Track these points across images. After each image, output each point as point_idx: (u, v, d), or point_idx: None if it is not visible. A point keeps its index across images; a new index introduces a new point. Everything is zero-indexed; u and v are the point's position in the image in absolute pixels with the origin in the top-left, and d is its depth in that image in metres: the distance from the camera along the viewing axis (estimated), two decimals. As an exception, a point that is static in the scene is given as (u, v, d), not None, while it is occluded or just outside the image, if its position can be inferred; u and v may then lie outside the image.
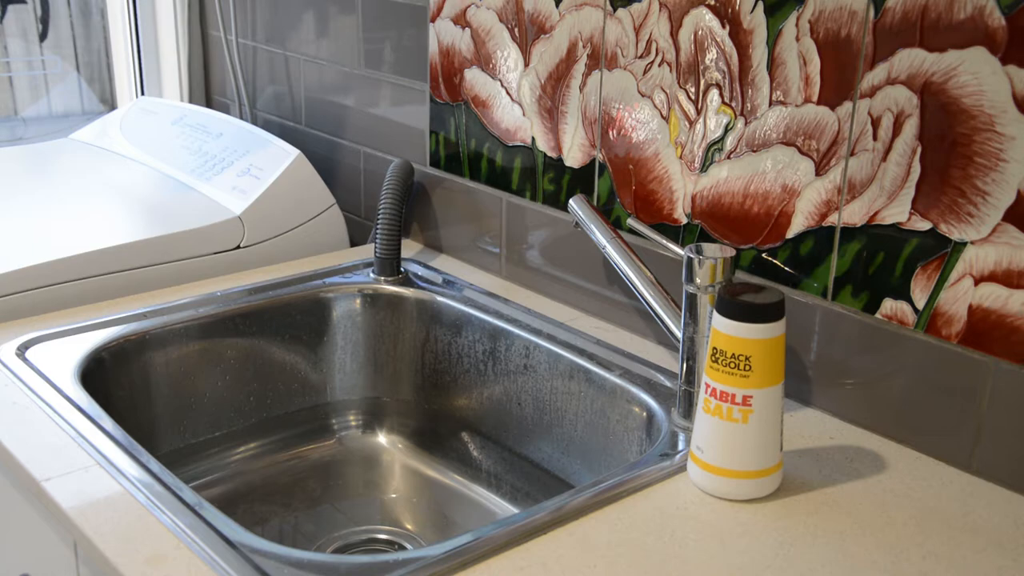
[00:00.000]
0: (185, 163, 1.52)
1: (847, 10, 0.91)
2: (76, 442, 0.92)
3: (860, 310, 0.97)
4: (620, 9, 1.10)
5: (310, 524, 1.20)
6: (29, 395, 1.00)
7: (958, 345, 0.90)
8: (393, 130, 1.45)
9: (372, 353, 1.31)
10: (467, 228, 1.37)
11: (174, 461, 1.18)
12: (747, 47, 0.99)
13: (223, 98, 1.81)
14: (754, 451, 0.85)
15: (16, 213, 1.36)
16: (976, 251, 0.87)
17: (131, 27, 1.85)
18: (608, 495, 0.86)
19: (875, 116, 0.91)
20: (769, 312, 0.83)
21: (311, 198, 1.44)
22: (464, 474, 1.26)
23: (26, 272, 1.19)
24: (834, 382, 1.00)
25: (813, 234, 0.98)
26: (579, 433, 1.13)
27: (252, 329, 1.24)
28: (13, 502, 1.00)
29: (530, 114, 1.24)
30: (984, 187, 0.85)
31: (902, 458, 0.94)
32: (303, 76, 1.59)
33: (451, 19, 1.31)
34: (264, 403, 1.26)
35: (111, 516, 0.82)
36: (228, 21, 1.73)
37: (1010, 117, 0.83)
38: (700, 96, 1.05)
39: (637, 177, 1.14)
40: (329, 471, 1.28)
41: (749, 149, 1.02)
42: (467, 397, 1.25)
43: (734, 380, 0.84)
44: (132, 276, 1.27)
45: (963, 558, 0.80)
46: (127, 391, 1.15)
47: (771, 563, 0.78)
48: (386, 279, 1.31)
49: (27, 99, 1.98)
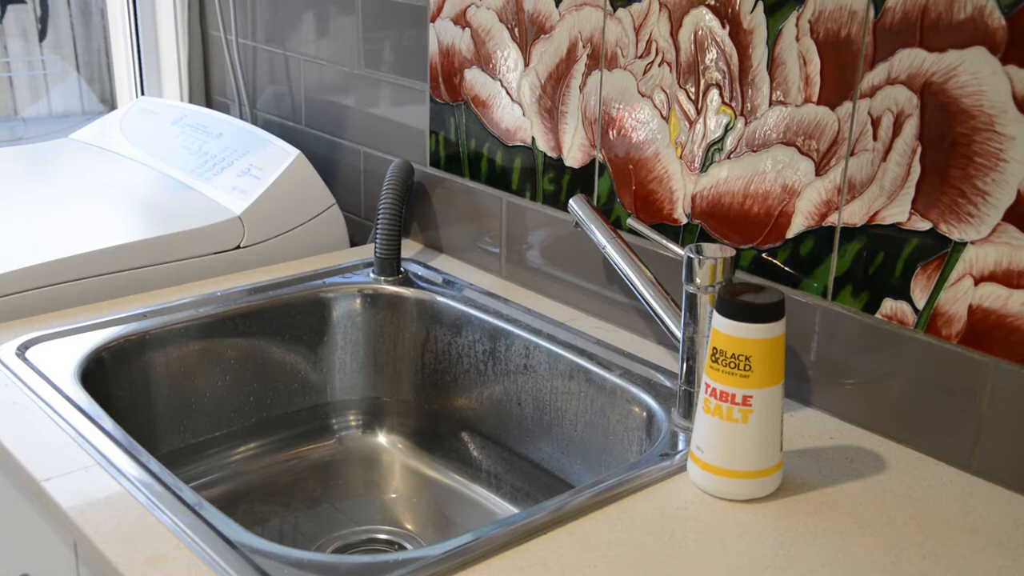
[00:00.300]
0: (185, 163, 1.52)
1: (847, 10, 0.91)
2: (76, 442, 0.92)
3: (860, 310, 0.97)
4: (620, 9, 1.10)
5: (310, 524, 1.20)
6: (29, 395, 1.00)
7: (958, 345, 0.90)
8: (393, 130, 1.45)
9: (372, 353, 1.31)
10: (467, 228, 1.37)
11: (174, 461, 1.18)
12: (747, 47, 0.99)
13: (223, 98, 1.81)
14: (754, 451, 0.85)
15: (16, 213, 1.36)
16: (976, 251, 0.87)
17: (131, 27, 1.85)
18: (608, 495, 0.86)
19: (875, 116, 0.91)
20: (769, 312, 0.83)
21: (311, 198, 1.44)
22: (464, 474, 1.26)
23: (26, 272, 1.19)
24: (834, 382, 1.00)
25: (813, 234, 0.98)
26: (579, 433, 1.13)
27: (252, 329, 1.24)
28: (13, 502, 1.00)
29: (530, 114, 1.24)
30: (984, 187, 0.85)
31: (902, 458, 0.94)
32: (303, 76, 1.59)
33: (451, 19, 1.31)
34: (264, 403, 1.26)
35: (111, 516, 0.82)
36: (228, 21, 1.73)
37: (1010, 117, 0.83)
38: (700, 96, 1.05)
39: (637, 177, 1.14)
40: (329, 471, 1.28)
41: (749, 149, 1.02)
42: (467, 397, 1.25)
43: (734, 380, 0.84)
44: (132, 276, 1.27)
45: (963, 558, 0.80)
46: (127, 391, 1.15)
47: (771, 563, 0.78)
48: (386, 279, 1.31)
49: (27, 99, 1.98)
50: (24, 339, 1.11)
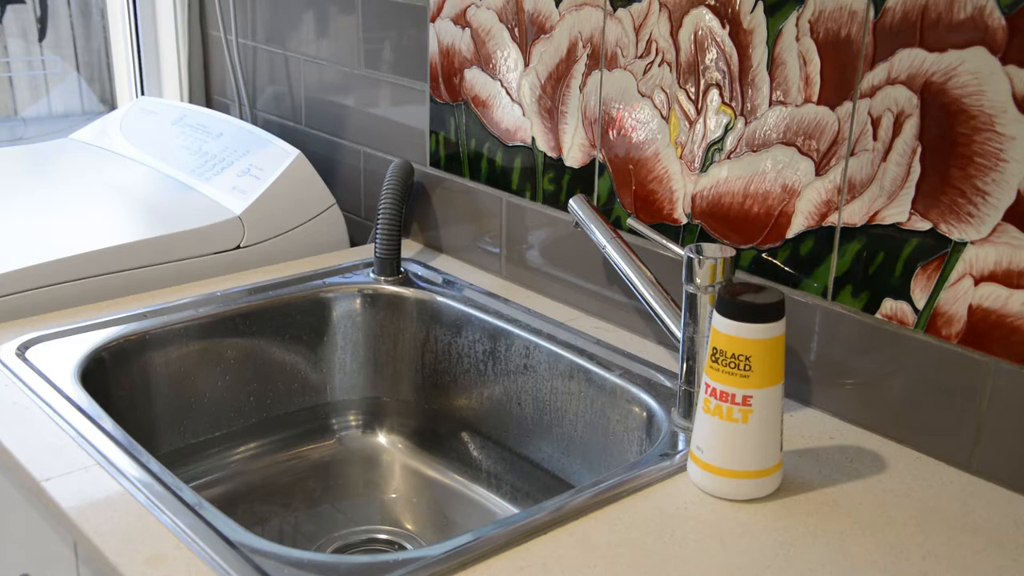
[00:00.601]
0: (185, 163, 1.52)
1: (847, 10, 0.91)
2: (76, 442, 0.92)
3: (860, 310, 0.97)
4: (620, 9, 1.10)
5: (310, 524, 1.20)
6: (29, 395, 1.00)
7: (958, 345, 0.90)
8: (393, 130, 1.45)
9: (372, 353, 1.31)
10: (467, 228, 1.37)
11: (174, 461, 1.18)
12: (747, 47, 0.99)
13: (223, 98, 1.81)
14: (754, 451, 0.85)
15: (16, 213, 1.36)
16: (976, 251, 0.87)
17: (131, 27, 1.85)
18: (608, 495, 0.86)
19: (875, 116, 0.91)
20: (769, 312, 0.83)
21: (311, 198, 1.44)
22: (464, 474, 1.26)
23: (26, 272, 1.19)
24: (834, 382, 1.00)
25: (813, 234, 0.98)
26: (579, 433, 1.13)
27: (252, 329, 1.24)
28: (13, 502, 1.00)
29: (530, 114, 1.24)
30: (984, 187, 0.85)
31: (902, 458, 0.94)
32: (303, 76, 1.59)
33: (451, 19, 1.31)
34: (264, 403, 1.26)
35: (111, 516, 0.82)
36: (228, 21, 1.73)
37: (1010, 117, 0.83)
38: (700, 96, 1.05)
39: (637, 177, 1.14)
40: (329, 471, 1.28)
41: (749, 149, 1.02)
42: (467, 397, 1.25)
43: (734, 380, 0.84)
44: (132, 276, 1.27)
45: (963, 558, 0.80)
46: (127, 391, 1.15)
47: (771, 563, 0.78)
48: (386, 279, 1.31)
49: (27, 99, 1.98)
50: (24, 339, 1.11)
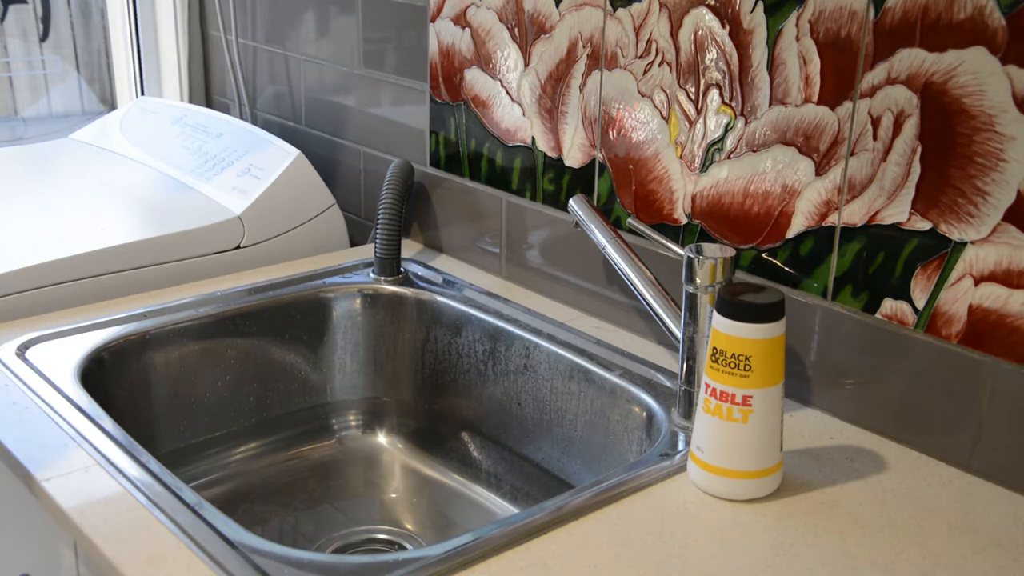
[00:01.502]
0: (185, 163, 1.52)
1: (847, 10, 0.91)
2: (76, 442, 0.92)
3: (860, 310, 0.97)
4: (620, 9, 1.10)
5: (310, 524, 1.20)
6: (29, 395, 1.00)
7: (958, 345, 0.90)
8: (393, 130, 1.45)
9: (372, 353, 1.31)
10: (467, 228, 1.37)
11: (174, 461, 1.18)
12: (747, 47, 0.99)
13: (223, 98, 1.81)
14: (754, 451, 0.85)
15: (16, 213, 1.36)
16: (976, 251, 0.87)
17: (131, 27, 1.85)
18: (608, 495, 0.86)
19: (875, 116, 0.91)
20: (769, 312, 0.83)
21: (311, 198, 1.44)
22: (464, 474, 1.26)
23: (26, 272, 1.19)
24: (834, 382, 1.00)
25: (813, 234, 0.98)
26: (579, 433, 1.13)
27: (252, 329, 1.24)
28: (13, 502, 1.00)
29: (530, 114, 1.24)
30: (984, 187, 0.85)
31: (902, 458, 0.94)
32: (303, 76, 1.59)
33: (451, 19, 1.31)
34: (264, 403, 1.26)
35: (111, 516, 0.82)
36: (228, 21, 1.73)
37: (1010, 117, 0.83)
38: (700, 96, 1.05)
39: (637, 177, 1.14)
40: (329, 471, 1.28)
41: (749, 149, 1.02)
42: (467, 397, 1.25)
43: (734, 380, 0.84)
44: (132, 276, 1.27)
45: (963, 558, 0.80)
46: (127, 391, 1.15)
47: (771, 563, 0.78)
48: (386, 279, 1.31)
49: (27, 99, 1.98)
50: (24, 339, 1.11)
